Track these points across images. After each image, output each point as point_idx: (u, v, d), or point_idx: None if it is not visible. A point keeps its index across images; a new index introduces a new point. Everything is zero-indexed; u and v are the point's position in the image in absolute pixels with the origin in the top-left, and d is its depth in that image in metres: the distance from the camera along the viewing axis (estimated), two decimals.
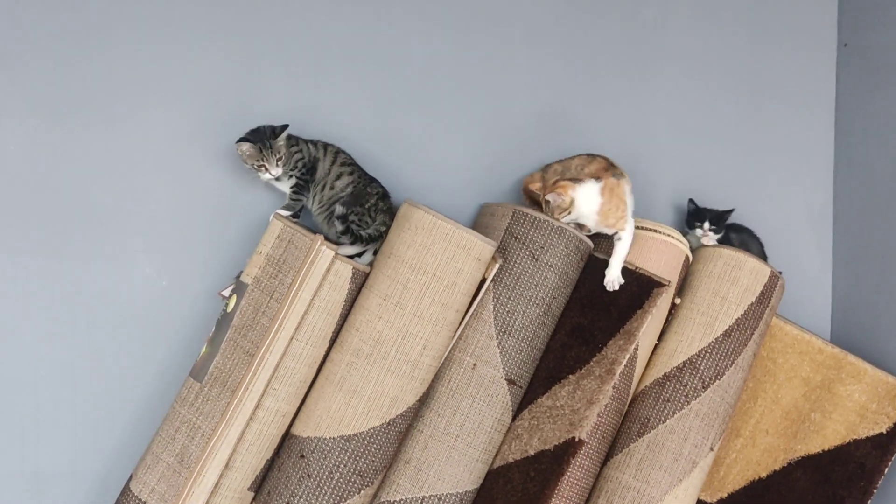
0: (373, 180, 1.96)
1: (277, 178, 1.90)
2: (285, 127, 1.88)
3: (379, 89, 2.10)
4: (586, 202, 1.87)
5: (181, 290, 1.95)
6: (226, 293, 1.88)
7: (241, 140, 1.86)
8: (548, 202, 1.87)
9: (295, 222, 1.84)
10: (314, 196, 1.92)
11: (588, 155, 1.98)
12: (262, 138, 1.86)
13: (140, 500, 1.74)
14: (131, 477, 1.79)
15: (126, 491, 1.78)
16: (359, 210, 1.90)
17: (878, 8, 2.17)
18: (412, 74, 2.12)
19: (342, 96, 2.07)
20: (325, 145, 1.95)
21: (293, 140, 1.92)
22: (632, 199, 1.91)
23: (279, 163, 1.87)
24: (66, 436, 1.90)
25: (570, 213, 1.88)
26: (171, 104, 1.98)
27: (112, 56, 1.96)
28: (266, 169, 1.86)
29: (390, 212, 1.94)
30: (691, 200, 2.09)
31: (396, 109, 2.10)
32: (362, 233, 1.89)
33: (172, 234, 1.96)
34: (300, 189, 1.91)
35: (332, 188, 1.91)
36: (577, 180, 1.87)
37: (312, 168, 1.91)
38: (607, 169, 1.91)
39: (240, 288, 1.80)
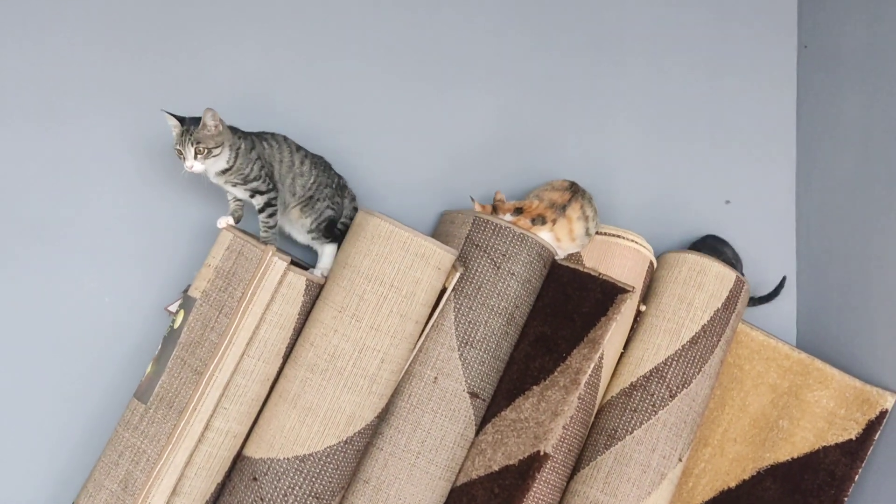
0: (320, 157, 1.88)
1: (228, 168, 1.71)
2: (208, 111, 1.66)
3: (337, 95, 2.04)
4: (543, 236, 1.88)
5: (126, 307, 1.86)
6: (173, 308, 1.79)
7: (169, 113, 1.68)
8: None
9: (245, 232, 1.76)
10: (284, 192, 1.81)
11: (552, 188, 1.94)
12: (192, 121, 1.68)
13: None
14: None
15: None
16: (329, 193, 1.84)
17: (838, 9, 2.17)
18: (370, 80, 2.06)
19: (297, 100, 2.01)
20: (273, 135, 1.82)
21: (249, 141, 1.74)
22: (583, 224, 1.89)
23: (200, 157, 1.67)
24: (2, 463, 1.79)
25: None
26: (111, 109, 1.90)
27: (47, 60, 1.88)
28: (183, 157, 1.67)
29: (351, 191, 1.92)
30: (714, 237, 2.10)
31: (354, 115, 2.05)
32: (339, 226, 1.85)
33: (116, 247, 1.87)
34: (273, 212, 1.77)
35: (301, 175, 1.82)
36: (534, 226, 1.87)
37: (271, 173, 1.79)
38: (559, 206, 1.88)
39: (187, 303, 1.72)
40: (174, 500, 1.64)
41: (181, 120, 1.69)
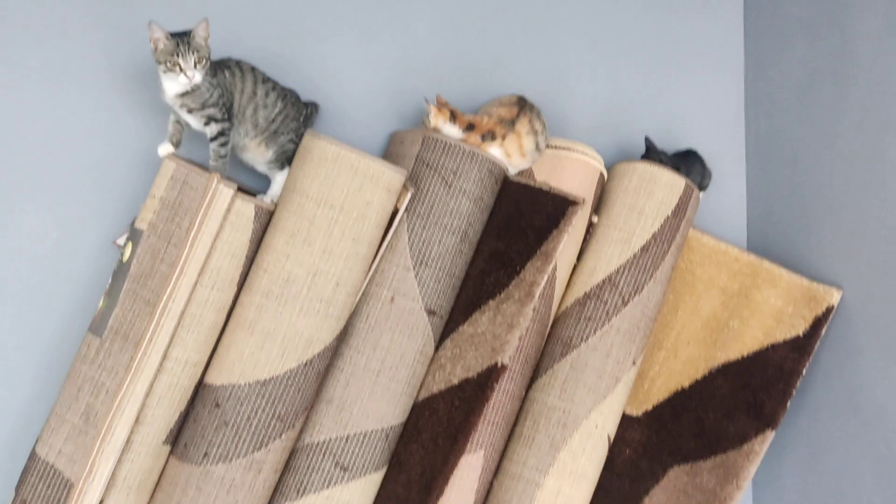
0: (291, 91, 1.84)
1: (192, 90, 1.66)
2: (204, 22, 1.63)
3: (277, 17, 1.97)
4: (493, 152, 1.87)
5: (73, 242, 1.83)
6: (120, 242, 1.77)
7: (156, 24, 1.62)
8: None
9: (188, 160, 1.72)
10: (245, 123, 1.76)
11: (500, 103, 1.91)
12: (180, 34, 1.64)
13: (47, 463, 1.66)
14: (38, 440, 1.70)
15: (33, 455, 1.69)
16: (295, 126, 1.81)
17: None
18: (311, 2, 2.00)
19: (237, 20, 1.94)
20: (237, 63, 1.77)
21: (211, 67, 1.69)
22: (532, 139, 1.88)
23: (199, 66, 1.64)
24: None
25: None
26: (46, 32, 1.82)
27: None
28: (181, 69, 1.62)
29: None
30: (647, 138, 2.03)
31: (297, 36, 1.99)
32: None
33: (58, 180, 1.83)
34: (226, 141, 1.72)
35: (265, 107, 1.77)
36: (484, 143, 1.85)
37: (231, 103, 1.73)
38: (507, 121, 1.87)
39: (135, 235, 1.70)
40: (138, 429, 1.66)
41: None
